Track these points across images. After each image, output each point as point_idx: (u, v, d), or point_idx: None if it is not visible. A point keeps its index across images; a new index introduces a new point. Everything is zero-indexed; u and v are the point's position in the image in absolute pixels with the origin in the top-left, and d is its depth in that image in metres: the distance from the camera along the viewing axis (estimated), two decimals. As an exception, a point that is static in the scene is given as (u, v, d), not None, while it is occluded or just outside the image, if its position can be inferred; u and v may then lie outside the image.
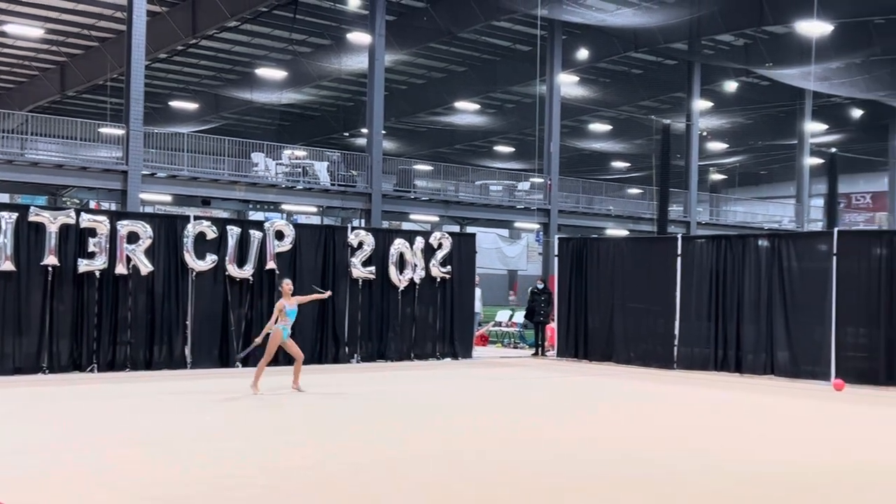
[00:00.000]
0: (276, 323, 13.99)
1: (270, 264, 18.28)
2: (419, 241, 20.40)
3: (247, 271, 18.02)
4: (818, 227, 52.03)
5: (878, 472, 8.89)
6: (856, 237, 17.95)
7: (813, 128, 50.78)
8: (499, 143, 60.16)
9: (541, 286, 23.10)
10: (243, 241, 18.08)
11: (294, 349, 14.24)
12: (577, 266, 21.61)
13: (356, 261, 19.37)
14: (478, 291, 23.24)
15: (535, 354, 22.60)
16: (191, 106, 49.33)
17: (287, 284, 14.39)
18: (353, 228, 20.16)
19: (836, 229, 18.46)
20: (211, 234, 17.74)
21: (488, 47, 43.03)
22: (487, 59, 44.60)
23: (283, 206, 38.19)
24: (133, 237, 16.87)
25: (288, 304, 14.05)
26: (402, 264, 20.07)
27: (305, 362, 18.09)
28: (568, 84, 43.86)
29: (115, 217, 17.15)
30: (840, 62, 39.12)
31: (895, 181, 56.40)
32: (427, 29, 38.03)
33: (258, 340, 14.32)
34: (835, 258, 17.26)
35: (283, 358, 15.44)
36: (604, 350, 20.97)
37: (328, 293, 16.13)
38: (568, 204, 44.37)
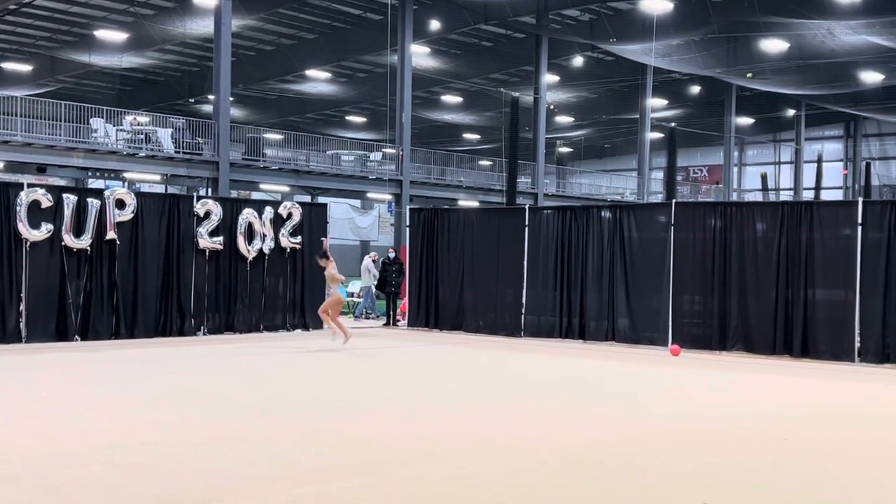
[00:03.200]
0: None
1: (111, 234, 17.61)
2: (268, 211, 20.10)
3: (84, 241, 17.29)
4: (658, 198, 54.18)
5: (702, 430, 9.39)
6: (692, 209, 18.76)
7: (654, 103, 52.67)
8: (351, 112, 59.72)
9: (392, 256, 23.17)
10: (81, 210, 17.33)
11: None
12: (429, 236, 21.79)
13: (203, 231, 18.92)
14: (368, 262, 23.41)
15: (387, 325, 22.70)
16: (24, 68, 46.77)
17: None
18: (200, 197, 19.67)
19: (673, 201, 19.24)
20: (46, 202, 16.92)
21: (339, 14, 42.54)
22: (338, 26, 44.10)
23: (125, 175, 36.79)
24: (-40, 206, 15.93)
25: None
26: (250, 234, 19.73)
27: (148, 335, 17.86)
28: (420, 55, 43.91)
29: (-61, 184, 16.15)
30: (680, 39, 40.67)
31: (730, 154, 59.21)
32: (276, -6, 37.23)
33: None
34: (672, 229, 18.04)
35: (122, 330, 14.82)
36: (454, 319, 21.26)
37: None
38: (420, 175, 44.57)
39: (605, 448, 8.42)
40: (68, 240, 17.09)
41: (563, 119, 58.78)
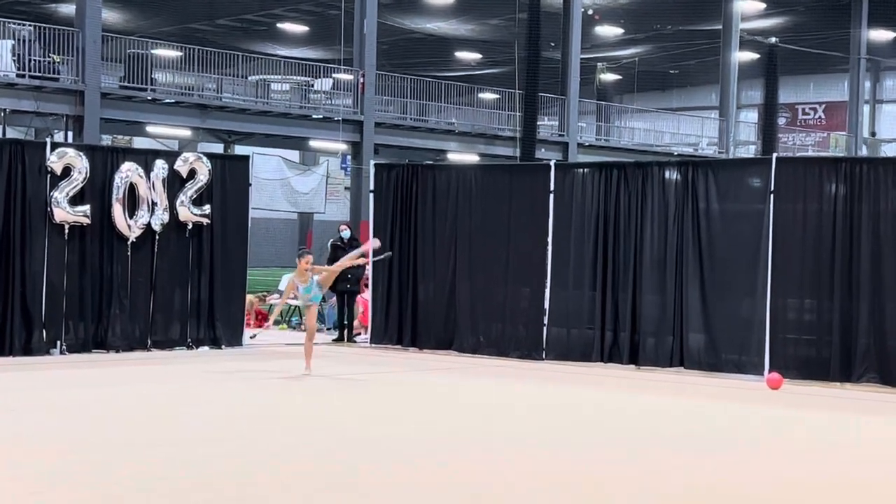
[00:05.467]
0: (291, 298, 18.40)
1: (-79, 201, 17.62)
2: (160, 167, 20.07)
3: None
4: (750, 152, 54.23)
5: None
6: (801, 167, 18.75)
7: (745, 7, 52.64)
8: (285, 18, 59.50)
9: (347, 234, 23.12)
10: None
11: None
12: (403, 207, 21.72)
13: (60, 196, 18.86)
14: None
15: (340, 340, 22.68)
16: None
17: (305, 260, 17.46)
18: (56, 145, 19.64)
19: (774, 155, 19.26)
20: None
21: None
22: None
23: (-57, 110, 36.75)
24: None
25: (300, 282, 17.34)
26: (133, 202, 19.71)
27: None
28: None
29: None
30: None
31: (858, 86, 58.94)
32: None
33: (268, 325, 19.71)
34: (772, 197, 18.03)
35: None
36: (441, 334, 21.25)
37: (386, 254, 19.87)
38: (390, 114, 44.53)
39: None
40: None
41: (609, 31, 58.66)
